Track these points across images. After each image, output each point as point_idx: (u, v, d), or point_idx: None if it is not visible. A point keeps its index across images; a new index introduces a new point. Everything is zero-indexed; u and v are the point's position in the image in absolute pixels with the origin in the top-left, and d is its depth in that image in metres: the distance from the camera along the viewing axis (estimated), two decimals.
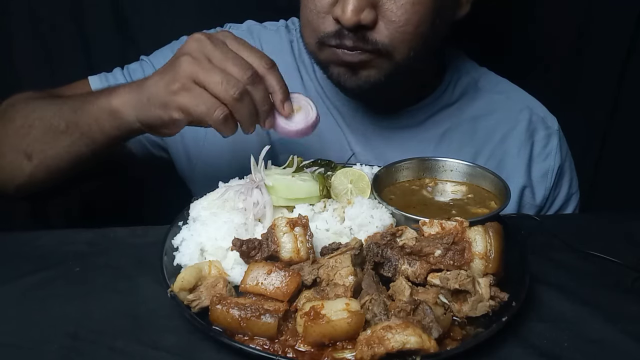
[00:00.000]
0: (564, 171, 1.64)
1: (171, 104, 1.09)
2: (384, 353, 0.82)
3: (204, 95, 1.07)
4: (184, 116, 1.09)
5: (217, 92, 1.06)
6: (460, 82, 1.61)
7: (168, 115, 1.11)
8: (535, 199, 1.61)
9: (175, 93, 1.09)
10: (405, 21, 1.28)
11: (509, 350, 0.94)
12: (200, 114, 1.07)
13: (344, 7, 1.24)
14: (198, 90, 1.08)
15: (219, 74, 1.07)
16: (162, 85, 1.11)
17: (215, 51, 1.09)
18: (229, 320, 0.91)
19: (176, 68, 1.10)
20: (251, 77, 1.08)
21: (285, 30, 1.61)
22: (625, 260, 1.17)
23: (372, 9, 1.26)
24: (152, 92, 1.13)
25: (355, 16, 1.24)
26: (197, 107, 1.07)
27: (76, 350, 0.92)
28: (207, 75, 1.07)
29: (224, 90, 1.06)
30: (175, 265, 1.09)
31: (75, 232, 1.26)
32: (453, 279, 0.97)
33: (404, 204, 1.23)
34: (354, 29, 1.26)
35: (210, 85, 1.07)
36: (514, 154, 1.59)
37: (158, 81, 1.12)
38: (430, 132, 1.57)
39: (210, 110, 1.07)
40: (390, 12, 1.28)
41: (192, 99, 1.08)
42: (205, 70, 1.08)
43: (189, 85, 1.08)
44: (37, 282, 1.08)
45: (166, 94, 1.10)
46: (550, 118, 1.64)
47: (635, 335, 0.97)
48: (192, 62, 1.09)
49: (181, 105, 1.08)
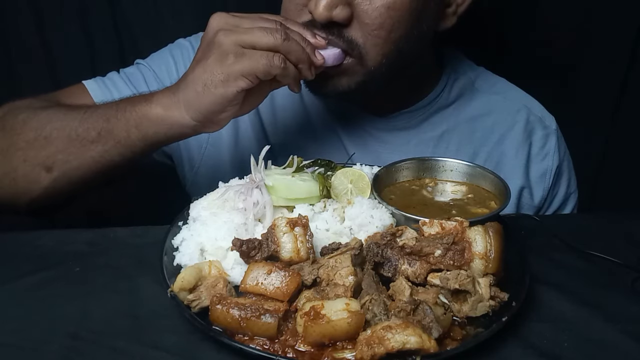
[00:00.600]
0: (562, 171, 1.64)
1: (232, 75, 1.12)
2: (384, 353, 0.82)
3: (257, 52, 1.12)
4: (249, 81, 1.13)
5: (267, 42, 1.12)
6: (457, 83, 1.60)
7: (232, 89, 1.13)
8: (534, 200, 1.61)
9: (232, 64, 1.12)
10: (379, 25, 1.27)
11: (509, 350, 0.94)
12: (264, 68, 1.12)
13: (317, 1, 1.23)
14: (249, 51, 1.12)
15: (259, 30, 1.13)
16: (214, 65, 1.14)
17: (239, 18, 1.17)
18: (229, 320, 0.91)
19: (218, 45, 1.14)
20: (282, 25, 1.16)
21: None
22: (625, 260, 1.17)
23: (346, 7, 1.25)
24: (206, 78, 1.14)
25: (327, 12, 1.23)
26: (259, 64, 1.11)
27: (76, 350, 0.92)
28: (250, 35, 1.13)
29: (272, 39, 1.12)
30: (175, 265, 1.09)
31: (75, 232, 1.26)
32: (453, 279, 0.97)
33: (404, 204, 1.23)
34: (326, 25, 1.26)
35: (258, 40, 1.12)
36: (512, 155, 1.59)
37: (206, 66, 1.15)
38: (427, 134, 1.56)
39: (270, 61, 1.12)
40: (364, 13, 1.26)
41: (250, 60, 1.12)
42: (244, 32, 1.13)
43: (239, 51, 1.12)
44: (37, 282, 1.08)
45: (223, 70, 1.13)
46: (548, 117, 1.64)
47: (635, 335, 0.97)
48: (229, 33, 1.14)
49: (243, 71, 1.12)
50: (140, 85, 1.51)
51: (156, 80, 1.53)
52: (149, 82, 1.52)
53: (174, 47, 1.60)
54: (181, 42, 1.60)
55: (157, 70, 1.54)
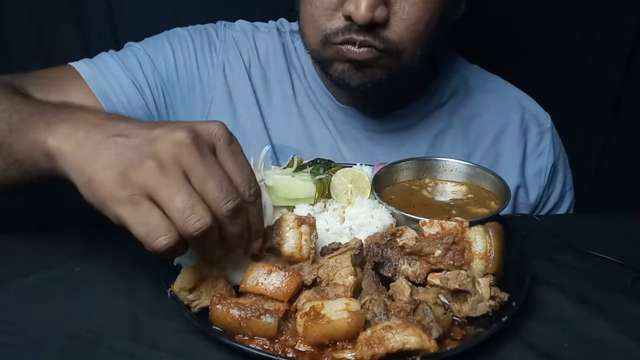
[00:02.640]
0: (558, 169, 1.64)
1: (108, 208, 0.84)
2: (384, 353, 0.82)
3: (151, 214, 0.83)
4: (119, 224, 0.86)
5: (176, 219, 0.83)
6: (451, 82, 1.60)
7: (104, 213, 0.87)
8: (529, 198, 1.61)
9: (118, 201, 0.83)
10: (417, 19, 1.27)
11: (509, 350, 0.94)
12: (137, 235, 0.83)
13: (357, 3, 1.20)
14: (146, 206, 0.83)
15: (187, 198, 0.83)
16: (109, 178, 0.83)
17: (197, 165, 0.85)
18: (229, 320, 0.91)
19: (133, 169, 0.83)
20: (231, 211, 0.87)
21: (277, 33, 1.59)
22: (625, 260, 1.17)
23: (384, 6, 1.24)
24: (94, 177, 0.85)
25: (370, 12, 1.21)
26: (137, 228, 0.83)
27: (76, 350, 0.92)
28: (170, 195, 0.83)
29: (186, 221, 0.82)
30: (175, 265, 1.09)
31: (75, 232, 1.26)
32: (453, 279, 0.97)
33: (404, 204, 1.23)
34: (367, 26, 1.23)
35: (170, 208, 0.83)
36: (507, 154, 1.58)
37: (108, 167, 0.84)
38: (422, 134, 1.56)
39: (150, 236, 0.82)
40: (401, 10, 1.26)
41: (135, 216, 0.83)
42: (169, 186, 0.83)
43: (136, 199, 0.83)
44: (37, 282, 1.08)
45: (107, 195, 0.84)
46: (542, 115, 1.63)
47: (635, 335, 0.97)
48: (157, 173, 0.83)
49: (118, 217, 0.84)
50: (135, 71, 1.43)
51: (152, 67, 1.46)
52: (144, 68, 1.45)
53: (172, 35, 1.54)
54: (179, 31, 1.55)
55: (154, 56, 1.48)
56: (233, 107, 1.51)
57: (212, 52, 1.52)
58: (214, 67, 1.51)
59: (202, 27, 1.57)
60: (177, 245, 0.84)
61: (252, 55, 1.55)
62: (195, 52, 1.51)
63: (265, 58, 1.55)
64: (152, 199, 0.83)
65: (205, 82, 1.50)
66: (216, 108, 1.50)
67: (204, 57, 1.51)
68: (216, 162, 0.88)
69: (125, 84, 1.42)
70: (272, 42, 1.57)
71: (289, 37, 1.58)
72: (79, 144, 0.88)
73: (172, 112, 1.49)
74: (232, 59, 1.53)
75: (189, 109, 1.50)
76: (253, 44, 1.56)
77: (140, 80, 1.44)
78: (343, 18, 1.26)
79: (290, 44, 1.57)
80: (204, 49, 1.52)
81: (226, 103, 1.51)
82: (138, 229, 0.83)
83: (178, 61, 1.49)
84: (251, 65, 1.54)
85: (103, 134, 0.88)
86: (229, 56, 1.53)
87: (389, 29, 1.27)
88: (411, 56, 1.32)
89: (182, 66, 1.49)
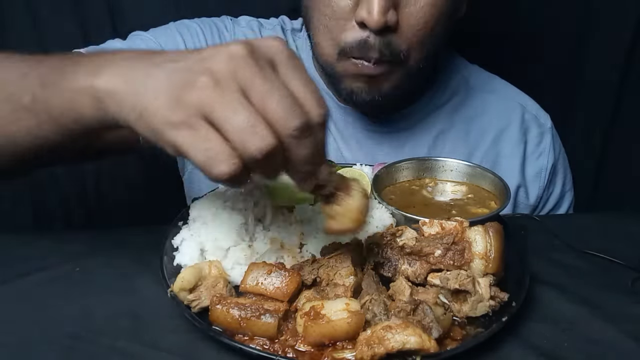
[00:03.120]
0: (557, 169, 1.64)
1: (164, 136, 0.76)
2: (384, 353, 0.82)
3: (210, 139, 0.74)
4: (178, 154, 0.78)
5: (235, 140, 0.73)
6: (451, 82, 1.60)
7: (159, 144, 0.79)
8: (529, 199, 1.61)
9: (173, 126, 0.75)
10: (424, 24, 1.27)
11: (509, 350, 0.94)
12: (196, 162, 0.75)
13: (369, 8, 1.19)
14: (204, 130, 0.74)
15: (246, 116, 0.73)
16: (162, 103, 0.76)
17: (256, 79, 0.75)
18: (229, 320, 0.91)
19: (187, 89, 0.75)
20: (298, 130, 0.75)
21: (281, 30, 1.59)
22: (625, 260, 1.17)
23: (394, 11, 1.23)
24: (147, 106, 0.77)
25: (383, 17, 1.20)
26: (195, 154, 0.75)
27: (76, 350, 0.92)
28: (227, 114, 0.73)
29: (246, 141, 0.73)
30: (175, 265, 1.09)
31: (75, 232, 1.27)
32: (453, 279, 0.97)
33: (404, 204, 1.23)
34: (381, 31, 1.23)
35: (227, 129, 0.73)
36: (507, 154, 1.58)
37: (160, 92, 0.77)
38: (423, 135, 1.56)
39: (209, 162, 0.74)
40: (409, 15, 1.25)
41: (193, 140, 0.74)
42: (226, 104, 0.73)
43: (193, 122, 0.74)
44: (37, 282, 1.08)
45: (162, 122, 0.76)
46: (542, 115, 1.63)
47: (635, 335, 0.97)
48: (211, 90, 0.74)
49: (175, 144, 0.76)
50: None
51: None
52: None
53: (181, 26, 1.48)
54: (188, 23, 1.51)
55: (165, 47, 1.41)
56: None
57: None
58: None
59: (210, 21, 1.54)
60: (239, 172, 0.74)
61: None
62: (207, 44, 1.47)
63: None
64: (210, 121, 0.74)
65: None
66: None
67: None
68: (277, 78, 0.77)
69: None
70: None
71: (291, 35, 1.58)
72: (129, 78, 0.80)
73: None
74: None
75: None
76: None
77: None
78: (357, 27, 1.25)
79: (292, 43, 1.57)
80: (214, 42, 1.49)
81: None
82: (196, 155, 0.74)
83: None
84: None
85: (150, 65, 0.80)
86: None
87: (398, 35, 1.26)
88: (417, 61, 1.32)
89: None
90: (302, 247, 1.12)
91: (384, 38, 1.24)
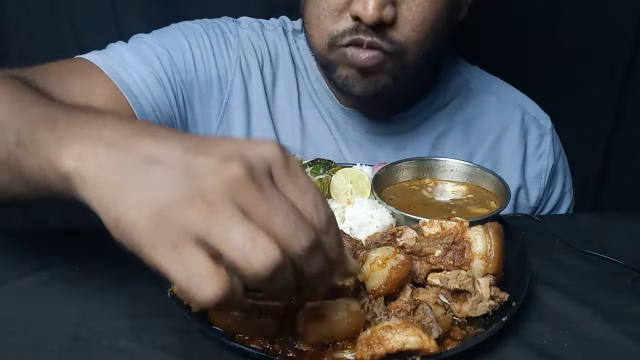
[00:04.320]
0: (557, 171, 1.64)
1: (142, 252, 0.67)
2: (383, 353, 0.82)
3: (194, 260, 0.63)
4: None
5: (235, 257, 0.63)
6: (452, 84, 1.60)
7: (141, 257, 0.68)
8: (530, 200, 1.61)
9: (154, 246, 0.65)
10: (422, 20, 1.26)
11: (509, 350, 0.94)
12: (179, 285, 0.64)
13: (365, 3, 1.18)
14: (189, 252, 0.63)
15: (245, 230, 0.63)
16: (143, 217, 0.65)
17: (258, 203, 0.65)
18: (229, 320, 0.91)
19: (173, 208, 0.64)
20: (307, 249, 0.67)
21: (282, 31, 1.58)
22: (625, 260, 1.17)
23: (392, 6, 1.23)
24: (124, 215, 0.67)
25: (378, 12, 1.19)
26: (177, 276, 0.64)
27: (76, 350, 0.92)
28: (224, 231, 0.63)
29: (248, 256, 0.63)
30: None
31: (75, 232, 1.26)
32: (453, 279, 0.97)
33: (404, 204, 1.23)
34: (375, 26, 1.22)
35: (226, 246, 0.63)
36: (508, 156, 1.58)
37: (142, 203, 0.66)
38: (424, 136, 1.56)
39: (193, 285, 0.63)
40: (408, 10, 1.25)
41: (175, 263, 0.64)
42: (222, 223, 0.64)
43: (178, 243, 0.64)
44: (37, 282, 1.08)
45: (141, 238, 0.66)
46: (542, 117, 1.63)
47: (635, 335, 0.97)
48: (204, 212, 0.64)
49: (155, 264, 0.66)
50: (155, 65, 1.30)
51: (170, 62, 1.34)
52: (163, 62, 1.33)
53: (185, 28, 1.43)
54: (191, 25, 1.45)
55: (171, 50, 1.36)
56: (248, 104, 1.48)
57: (227, 47, 1.47)
58: (230, 62, 1.46)
59: (214, 23, 1.52)
60: (227, 295, 0.63)
61: (264, 53, 1.51)
62: (212, 47, 1.45)
63: (275, 57, 1.53)
64: (200, 242, 0.64)
65: (223, 79, 1.45)
66: (232, 106, 1.46)
67: (221, 52, 1.46)
68: (278, 194, 0.67)
69: (148, 78, 1.31)
70: (280, 41, 1.55)
71: (292, 36, 1.57)
72: (101, 168, 0.70)
73: (190, 109, 1.43)
74: (247, 54, 1.48)
75: (205, 106, 1.45)
76: (264, 41, 1.53)
77: (161, 75, 1.34)
78: (350, 19, 1.25)
79: (294, 44, 1.56)
80: (219, 44, 1.47)
81: (242, 101, 1.47)
82: (177, 278, 0.64)
83: (196, 56, 1.41)
84: (263, 63, 1.51)
85: (129, 157, 0.69)
86: (245, 52, 1.48)
87: (395, 30, 1.26)
88: (414, 58, 1.31)
89: (200, 62, 1.42)
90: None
91: (378, 33, 1.24)
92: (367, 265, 0.93)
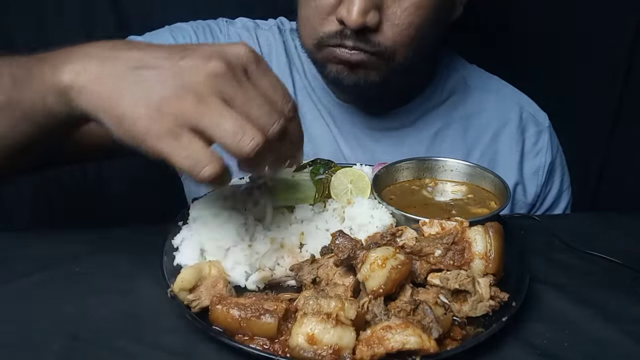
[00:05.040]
0: (555, 168, 1.64)
1: (146, 144, 0.81)
2: (383, 353, 0.82)
3: (193, 145, 0.80)
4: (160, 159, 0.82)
5: (229, 143, 0.81)
6: (450, 81, 1.61)
7: (142, 150, 0.82)
8: (527, 197, 1.62)
9: (157, 136, 0.80)
10: (409, 24, 1.28)
11: (509, 350, 0.94)
12: (184, 168, 0.81)
13: (349, 8, 1.21)
14: (187, 138, 0.80)
15: (235, 120, 0.80)
16: (143, 113, 0.80)
17: (238, 92, 0.83)
18: (229, 320, 0.91)
19: (169, 101, 0.80)
20: (278, 132, 0.85)
21: (278, 31, 1.60)
22: (625, 260, 1.17)
23: (376, 11, 1.25)
24: (125, 114, 0.81)
25: (361, 18, 1.21)
26: (181, 161, 0.80)
27: (76, 350, 0.92)
28: (217, 121, 0.80)
29: (239, 142, 0.80)
30: (175, 265, 1.09)
31: (75, 232, 1.26)
32: (453, 279, 0.97)
33: (404, 204, 1.23)
34: (358, 31, 1.25)
35: (219, 134, 0.80)
36: (505, 152, 1.59)
37: (139, 101, 0.81)
38: (422, 132, 1.56)
39: (196, 168, 0.80)
40: (394, 15, 1.27)
41: (177, 149, 0.80)
42: (213, 114, 0.80)
43: (176, 131, 0.80)
44: (37, 282, 1.08)
45: (144, 131, 0.80)
46: (540, 114, 1.64)
47: (635, 335, 0.97)
48: (196, 104, 0.80)
49: (158, 152, 0.81)
50: None
51: None
52: None
53: (175, 30, 1.51)
54: (182, 26, 1.52)
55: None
56: None
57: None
58: None
59: (204, 23, 1.56)
60: (222, 173, 0.82)
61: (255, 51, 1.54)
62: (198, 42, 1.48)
63: (267, 55, 1.55)
64: (194, 129, 0.80)
65: None
66: None
67: None
68: (254, 87, 0.85)
69: None
70: (274, 39, 1.58)
71: (289, 35, 1.58)
72: (96, 77, 0.83)
73: None
74: None
75: None
76: (256, 40, 1.56)
77: None
78: (337, 22, 1.27)
79: (291, 42, 1.58)
80: (207, 41, 1.51)
81: None
82: (182, 162, 0.80)
83: None
84: None
85: (121, 65, 0.83)
86: None
87: (381, 34, 1.28)
88: (403, 59, 1.33)
89: None
90: (302, 247, 1.12)
91: (362, 38, 1.26)
92: (367, 265, 0.92)
